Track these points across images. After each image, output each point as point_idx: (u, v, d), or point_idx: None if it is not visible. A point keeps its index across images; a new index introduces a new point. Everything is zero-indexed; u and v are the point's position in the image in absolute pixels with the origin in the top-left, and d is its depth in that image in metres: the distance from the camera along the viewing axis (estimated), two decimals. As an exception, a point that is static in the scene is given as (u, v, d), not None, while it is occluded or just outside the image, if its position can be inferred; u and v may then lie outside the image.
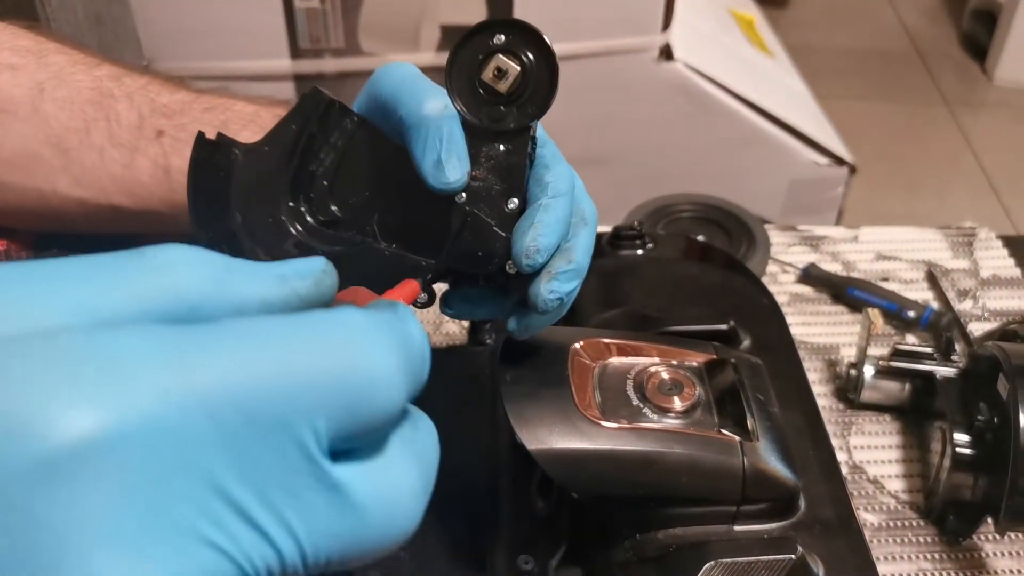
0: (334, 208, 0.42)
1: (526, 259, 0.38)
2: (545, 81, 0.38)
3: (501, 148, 0.39)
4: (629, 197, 0.83)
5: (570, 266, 0.40)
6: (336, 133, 0.41)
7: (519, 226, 0.39)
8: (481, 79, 0.38)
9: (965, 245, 0.83)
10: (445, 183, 0.38)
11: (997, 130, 2.23)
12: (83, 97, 0.46)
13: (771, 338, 0.51)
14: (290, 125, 0.41)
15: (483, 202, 0.40)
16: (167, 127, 0.46)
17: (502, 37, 0.38)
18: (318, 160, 0.41)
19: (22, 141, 0.46)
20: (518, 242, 0.39)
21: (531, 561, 0.44)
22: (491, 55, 0.38)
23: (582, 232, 0.41)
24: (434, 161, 0.38)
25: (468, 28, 0.38)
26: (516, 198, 0.40)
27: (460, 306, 0.42)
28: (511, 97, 0.39)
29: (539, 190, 0.40)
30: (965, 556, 0.57)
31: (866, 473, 0.63)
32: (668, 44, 1.29)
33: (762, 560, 0.38)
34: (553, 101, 0.39)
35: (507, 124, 0.39)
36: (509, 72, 0.38)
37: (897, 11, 2.73)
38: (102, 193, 0.47)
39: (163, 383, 0.19)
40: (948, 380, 0.61)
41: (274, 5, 1.20)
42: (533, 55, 0.38)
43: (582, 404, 0.40)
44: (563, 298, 0.40)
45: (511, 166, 0.40)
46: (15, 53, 0.46)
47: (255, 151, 0.40)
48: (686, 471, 0.39)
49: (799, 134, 1.37)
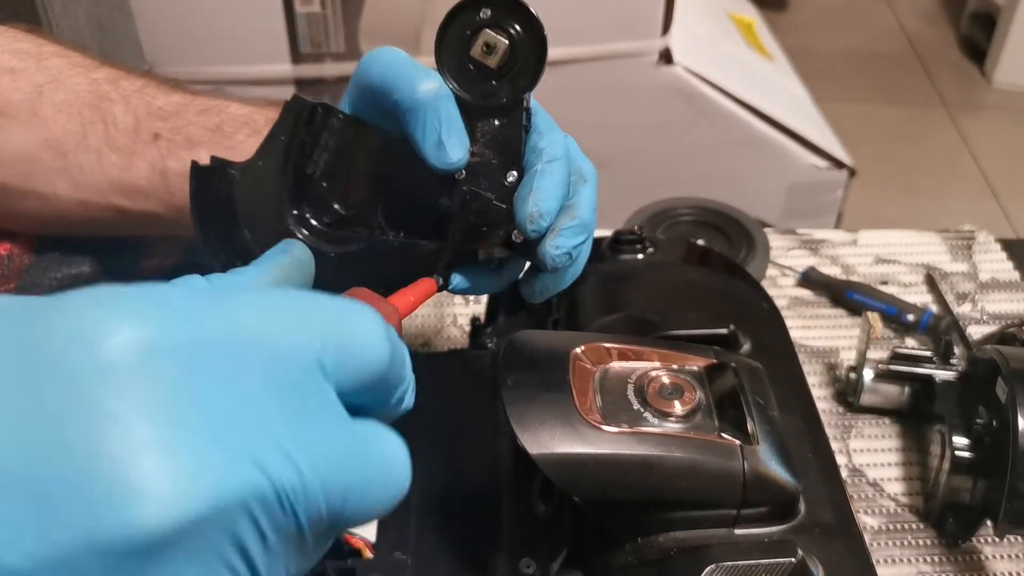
0: (337, 207, 0.42)
1: (530, 224, 0.39)
2: (534, 52, 0.38)
3: (496, 123, 0.40)
4: (629, 201, 0.83)
5: (574, 222, 0.40)
6: (325, 134, 0.41)
7: (519, 194, 0.40)
8: (471, 56, 0.39)
9: (964, 248, 0.83)
10: (447, 163, 0.39)
11: (996, 133, 2.24)
12: (81, 100, 0.46)
13: (771, 342, 0.51)
14: (279, 136, 0.41)
15: (482, 177, 0.40)
16: (163, 130, 0.46)
17: (488, 12, 0.38)
18: (312, 163, 0.41)
19: (21, 144, 0.46)
20: (520, 210, 0.40)
21: (532, 565, 0.44)
22: (478, 31, 0.38)
23: (583, 190, 0.42)
24: (435, 142, 0.39)
25: (453, 5, 0.38)
26: (514, 170, 0.40)
27: (469, 280, 0.43)
28: (501, 71, 0.39)
29: (534, 157, 0.40)
30: (964, 559, 0.58)
31: (866, 476, 0.63)
32: (667, 48, 1.30)
33: (762, 563, 0.38)
34: (543, 71, 0.39)
35: (500, 99, 0.39)
36: (497, 46, 0.38)
37: (896, 14, 2.73)
38: (101, 196, 0.47)
39: (218, 319, 0.24)
40: (947, 383, 0.61)
41: (275, 10, 1.20)
42: (520, 27, 0.38)
43: (583, 408, 0.40)
44: (570, 252, 0.40)
45: (507, 139, 0.40)
46: (15, 56, 0.47)
47: (250, 168, 0.41)
48: (687, 475, 0.39)
49: (798, 137, 1.37)
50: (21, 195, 0.47)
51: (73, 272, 0.50)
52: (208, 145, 0.45)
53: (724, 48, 1.49)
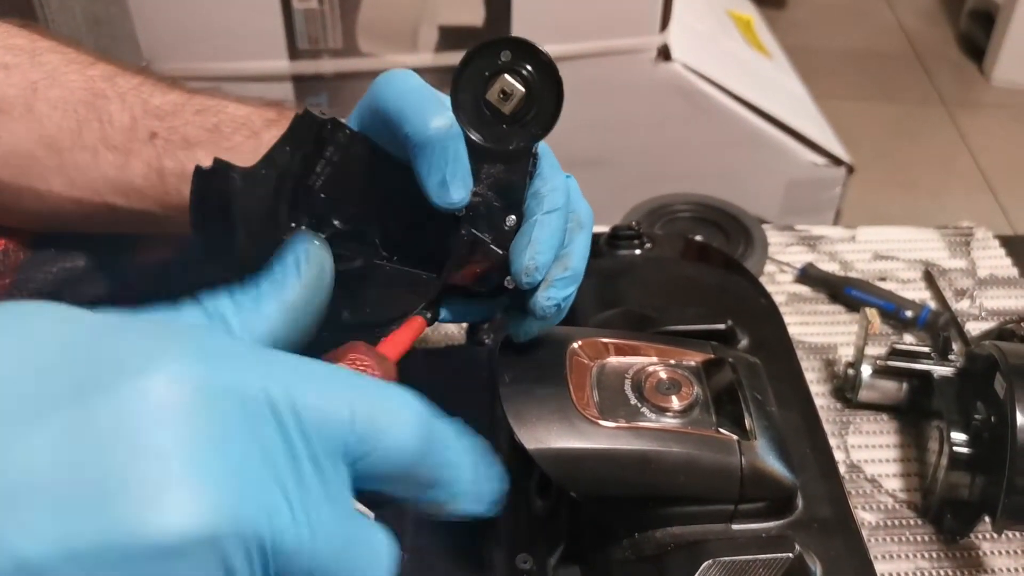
0: (336, 222, 0.42)
1: (525, 277, 0.39)
2: (549, 103, 0.38)
3: (501, 167, 0.40)
4: (627, 197, 0.83)
5: (566, 273, 0.41)
6: (331, 148, 0.41)
7: (516, 244, 0.40)
8: (486, 99, 0.38)
9: (962, 245, 0.83)
10: (448, 202, 0.39)
11: (994, 130, 2.24)
12: (76, 97, 0.46)
13: (769, 338, 0.51)
14: (284, 147, 0.40)
15: (482, 219, 0.40)
16: (159, 129, 0.46)
17: (508, 54, 0.38)
18: (315, 175, 0.41)
19: (16, 141, 0.46)
20: (516, 260, 0.40)
21: (530, 560, 0.44)
22: (497, 74, 0.38)
23: (578, 237, 0.42)
24: (439, 181, 0.38)
25: (474, 45, 0.38)
26: (514, 215, 0.40)
27: (453, 311, 0.43)
28: (515, 117, 0.39)
29: (535, 204, 0.40)
30: (962, 555, 0.58)
31: (863, 472, 0.63)
32: (666, 45, 1.30)
33: (760, 559, 0.38)
34: (556, 123, 0.39)
35: (510, 144, 0.39)
36: (514, 94, 0.38)
37: (895, 12, 2.73)
38: (96, 194, 0.47)
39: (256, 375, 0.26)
40: (945, 379, 0.61)
41: (272, 6, 1.20)
42: (538, 75, 0.38)
43: (580, 404, 0.40)
44: (560, 304, 0.41)
45: (511, 184, 0.40)
46: (9, 52, 0.46)
47: (253, 175, 0.40)
48: (684, 470, 0.39)
49: (797, 134, 1.37)
50: (16, 192, 0.47)
51: (68, 266, 0.50)
52: (205, 145, 0.45)
53: (723, 45, 1.48)
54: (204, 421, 0.24)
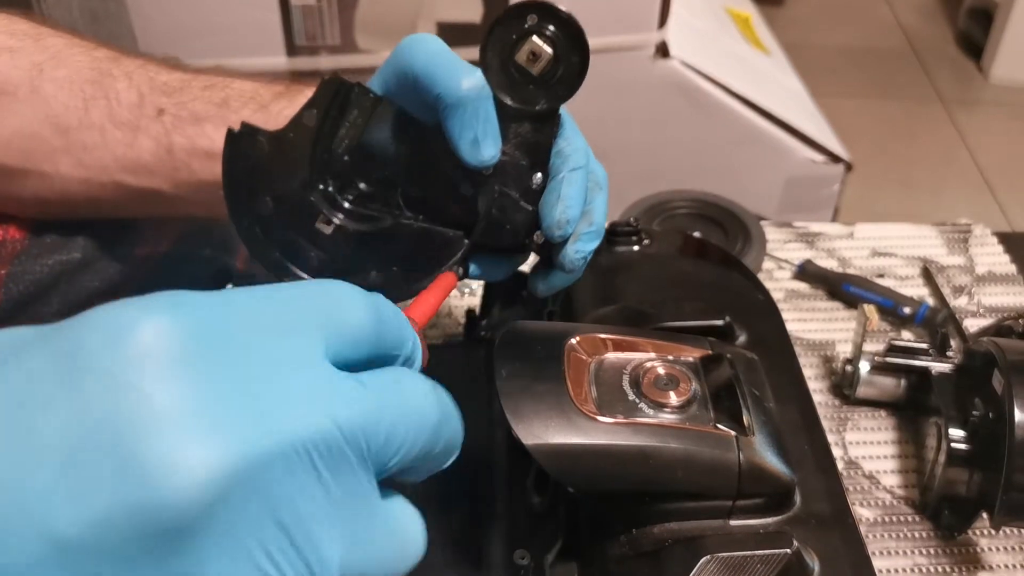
0: (361, 185, 0.43)
1: (558, 230, 0.42)
2: (575, 64, 0.39)
3: (528, 127, 0.41)
4: (625, 194, 0.83)
5: (591, 228, 0.43)
6: (355, 111, 0.42)
7: (546, 200, 0.42)
8: (515, 60, 0.39)
9: (960, 242, 0.83)
10: (480, 160, 0.40)
11: (992, 128, 2.24)
12: (82, 77, 0.46)
13: (767, 334, 0.51)
14: (311, 110, 0.42)
15: (509, 177, 0.42)
16: (167, 105, 0.46)
17: (535, 19, 0.39)
18: (339, 139, 0.42)
19: (21, 122, 0.45)
20: (548, 215, 0.42)
21: (527, 556, 0.44)
22: (525, 37, 0.39)
23: (598, 196, 0.44)
24: (471, 140, 0.40)
25: (505, 8, 0.39)
26: (540, 173, 0.42)
27: (475, 270, 0.45)
28: (542, 79, 0.40)
29: (560, 162, 0.42)
30: (960, 551, 0.58)
31: (862, 468, 0.63)
32: (664, 41, 1.29)
33: (757, 555, 0.38)
34: (582, 84, 0.40)
35: (536, 104, 0.40)
36: (542, 55, 0.39)
37: (893, 9, 2.73)
38: (105, 173, 0.46)
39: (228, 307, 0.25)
40: (943, 376, 0.61)
41: (270, 2, 1.19)
42: (565, 38, 0.39)
43: (578, 399, 0.40)
44: (587, 256, 0.43)
45: (538, 144, 0.41)
46: (12, 36, 0.46)
47: (280, 138, 0.41)
48: (682, 466, 0.39)
49: (795, 131, 1.37)
50: (22, 175, 0.47)
51: (64, 259, 0.50)
52: (215, 120, 0.45)
53: (721, 42, 1.48)
54: (190, 365, 0.23)
